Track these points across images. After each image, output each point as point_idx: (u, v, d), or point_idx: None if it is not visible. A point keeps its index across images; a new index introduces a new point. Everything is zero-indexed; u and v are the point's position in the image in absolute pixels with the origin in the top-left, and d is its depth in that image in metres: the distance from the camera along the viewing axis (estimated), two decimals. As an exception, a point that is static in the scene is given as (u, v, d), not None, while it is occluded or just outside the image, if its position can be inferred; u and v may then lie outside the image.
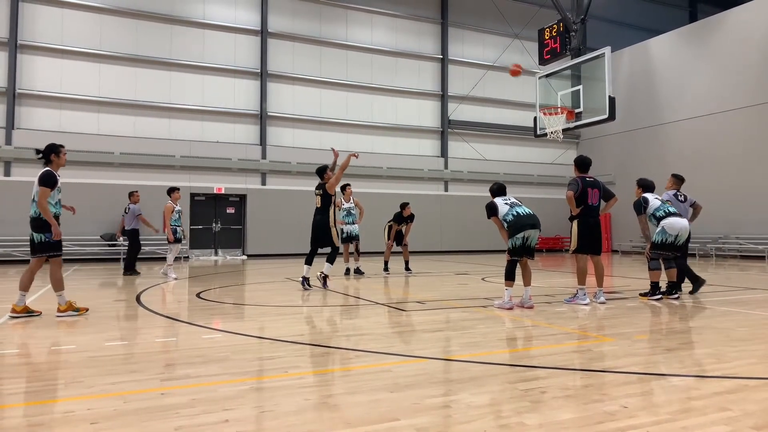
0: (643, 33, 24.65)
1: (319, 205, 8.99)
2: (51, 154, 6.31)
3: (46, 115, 17.34)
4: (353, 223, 11.65)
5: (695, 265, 7.50)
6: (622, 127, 22.57)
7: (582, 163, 7.52)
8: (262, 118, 19.95)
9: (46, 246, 6.11)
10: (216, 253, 19.45)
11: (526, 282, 7.05)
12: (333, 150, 9.56)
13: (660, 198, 7.98)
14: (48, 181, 6.09)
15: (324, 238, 8.88)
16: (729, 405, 3.15)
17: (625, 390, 3.43)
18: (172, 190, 11.51)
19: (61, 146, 6.44)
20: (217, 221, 19.60)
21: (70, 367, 4.07)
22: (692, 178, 18.45)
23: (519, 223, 6.83)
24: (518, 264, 7.02)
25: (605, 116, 12.24)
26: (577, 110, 13.05)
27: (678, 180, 8.85)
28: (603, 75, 12.20)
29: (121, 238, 16.81)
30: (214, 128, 19.43)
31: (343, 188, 11.67)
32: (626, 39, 24.34)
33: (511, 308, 6.76)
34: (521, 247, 6.87)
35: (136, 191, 12.39)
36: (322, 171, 9.14)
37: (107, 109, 18.04)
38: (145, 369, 3.99)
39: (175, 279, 11.02)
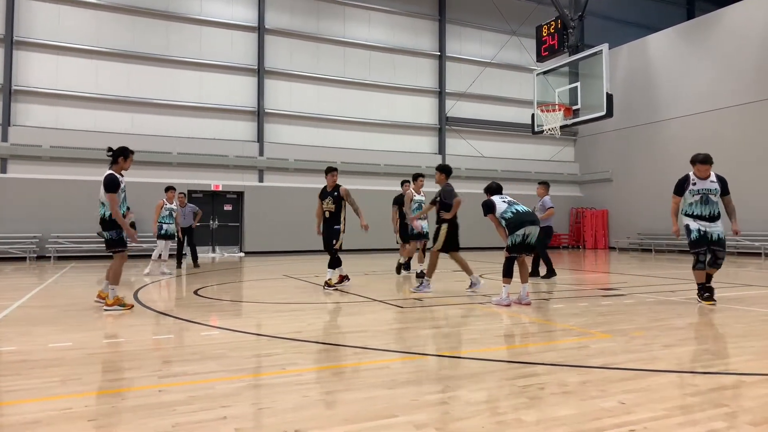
0: (640, 30, 24.66)
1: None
2: (120, 156, 6.65)
3: (42, 111, 17.27)
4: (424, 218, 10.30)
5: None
6: (620, 124, 22.56)
7: (450, 170, 8.51)
8: (260, 114, 19.90)
9: (112, 242, 6.58)
10: (213, 251, 19.42)
11: (524, 279, 7.08)
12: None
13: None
14: (111, 186, 6.44)
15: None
16: (726, 401, 3.16)
17: (622, 386, 3.44)
18: (167, 189, 12.00)
19: (132, 152, 6.84)
20: (215, 218, 19.57)
21: (67, 364, 4.06)
22: (689, 175, 18.54)
23: (519, 220, 6.85)
24: (516, 261, 7.04)
25: (603, 113, 12.25)
26: (574, 107, 13.08)
27: (547, 186, 10.53)
28: (601, 72, 12.21)
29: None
30: (211, 125, 19.38)
31: (416, 177, 10.57)
32: (624, 36, 24.35)
33: (508, 305, 6.78)
34: (521, 244, 6.89)
35: (182, 193, 13.06)
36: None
37: (104, 106, 17.98)
38: (142, 366, 3.99)
39: (170, 274, 11.16)
